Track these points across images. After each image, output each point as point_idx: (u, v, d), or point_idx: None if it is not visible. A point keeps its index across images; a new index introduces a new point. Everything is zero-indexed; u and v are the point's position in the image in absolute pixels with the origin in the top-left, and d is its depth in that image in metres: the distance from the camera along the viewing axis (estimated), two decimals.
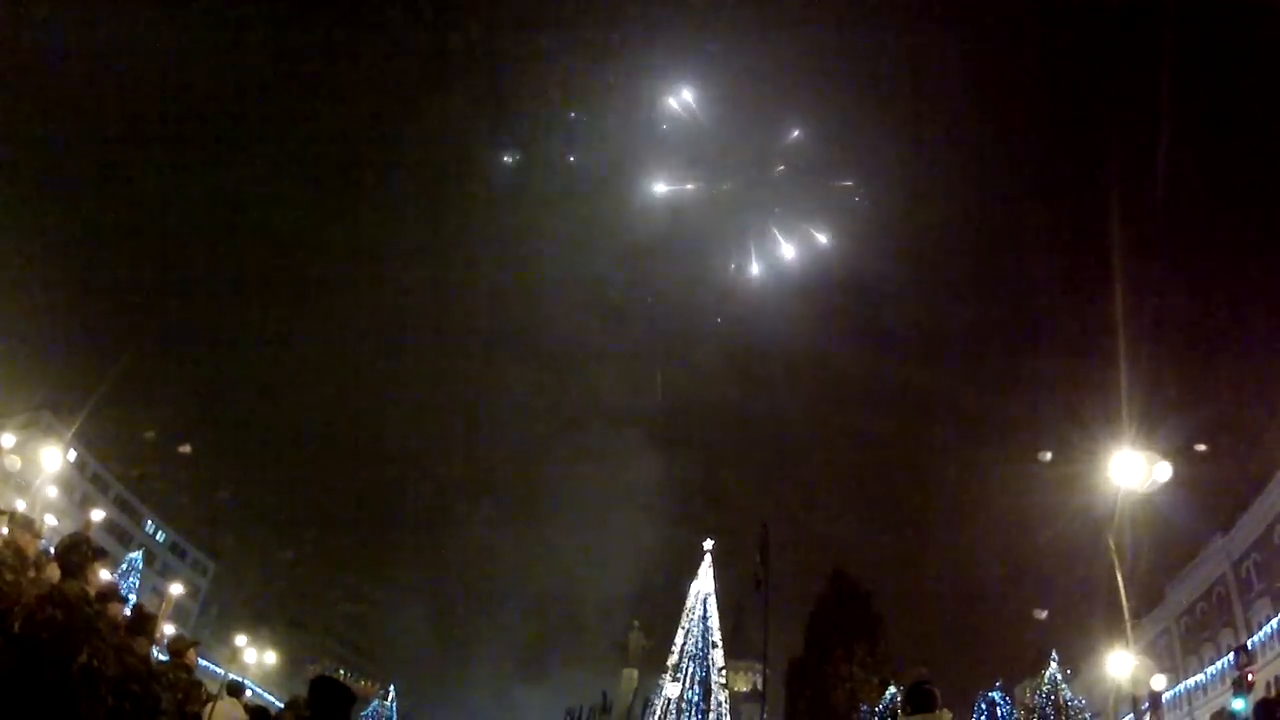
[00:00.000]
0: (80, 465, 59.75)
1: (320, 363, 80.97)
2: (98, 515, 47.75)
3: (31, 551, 8.01)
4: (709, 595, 39.50)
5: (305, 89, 77.03)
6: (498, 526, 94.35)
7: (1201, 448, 33.19)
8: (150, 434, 65.01)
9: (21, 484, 37.85)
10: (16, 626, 5.88)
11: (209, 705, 10.16)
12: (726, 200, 62.64)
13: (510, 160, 67.37)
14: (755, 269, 64.29)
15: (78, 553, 6.59)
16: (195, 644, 11.92)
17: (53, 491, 42.77)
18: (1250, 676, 23.08)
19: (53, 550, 7.82)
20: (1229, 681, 30.17)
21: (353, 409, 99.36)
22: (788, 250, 64.93)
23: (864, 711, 52.93)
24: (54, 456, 39.07)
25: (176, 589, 53.67)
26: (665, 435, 72.61)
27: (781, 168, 64.36)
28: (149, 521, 71.02)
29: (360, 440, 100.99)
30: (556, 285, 73.84)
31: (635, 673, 49.54)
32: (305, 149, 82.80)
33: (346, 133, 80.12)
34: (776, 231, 63.98)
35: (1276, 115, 51.87)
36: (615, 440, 74.38)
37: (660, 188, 61.65)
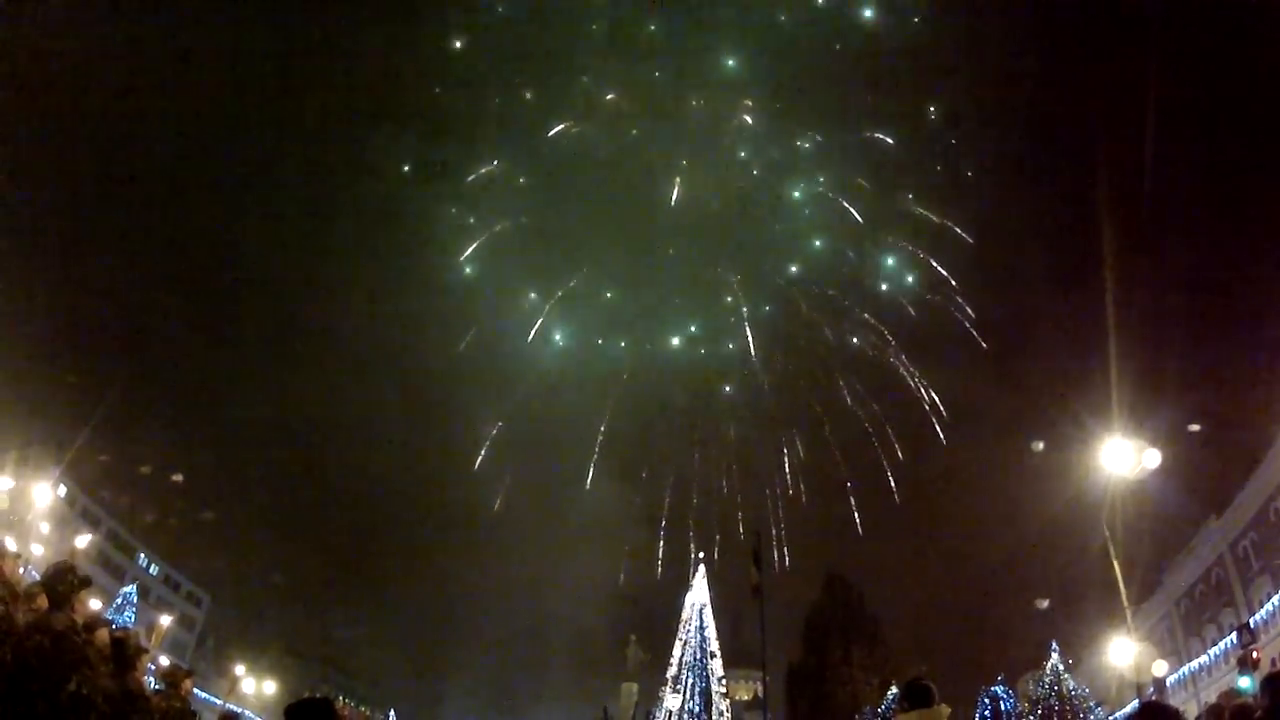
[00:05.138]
0: (70, 500, 59.24)
1: (305, 394, 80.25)
2: (82, 541, 47.44)
3: (20, 582, 7.94)
4: (704, 606, 39.37)
5: (262, 128, 77.42)
6: (483, 553, 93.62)
7: (1194, 427, 33.49)
8: (140, 466, 64.72)
9: (13, 519, 37.51)
10: (8, 656, 5.83)
11: None
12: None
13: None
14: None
15: (63, 582, 6.56)
16: (190, 675, 11.86)
17: (44, 527, 42.43)
18: (1256, 654, 23.09)
19: (37, 579, 7.75)
20: (1233, 661, 30.22)
21: (339, 437, 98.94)
22: None
23: (866, 713, 52.73)
24: (44, 492, 38.89)
25: (166, 619, 53.22)
26: (640, 452, 72.19)
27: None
28: (141, 555, 70.40)
29: (347, 469, 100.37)
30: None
31: (635, 687, 49.26)
32: (270, 188, 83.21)
33: (303, 168, 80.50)
34: None
35: (1263, 107, 52.35)
36: (597, 461, 73.93)
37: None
